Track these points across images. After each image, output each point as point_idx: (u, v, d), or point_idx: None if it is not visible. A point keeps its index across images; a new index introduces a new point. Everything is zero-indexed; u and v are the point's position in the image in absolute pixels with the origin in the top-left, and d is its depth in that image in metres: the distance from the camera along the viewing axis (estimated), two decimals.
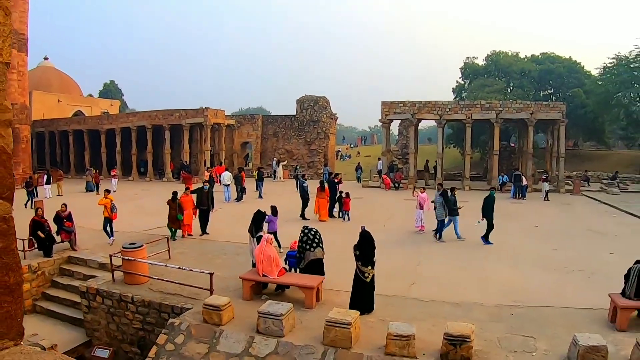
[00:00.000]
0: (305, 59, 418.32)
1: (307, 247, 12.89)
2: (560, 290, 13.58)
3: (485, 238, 19.13)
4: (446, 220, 19.97)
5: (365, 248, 11.53)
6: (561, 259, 16.98)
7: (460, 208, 20.11)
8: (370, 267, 11.45)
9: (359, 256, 11.51)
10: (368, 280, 11.45)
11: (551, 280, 14.52)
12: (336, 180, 26.59)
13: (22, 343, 1.93)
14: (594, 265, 16.18)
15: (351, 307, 10.96)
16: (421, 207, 21.29)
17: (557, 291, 13.44)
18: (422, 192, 21.78)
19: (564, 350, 9.21)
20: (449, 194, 20.23)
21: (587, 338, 8.79)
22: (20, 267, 1.86)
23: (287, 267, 13.64)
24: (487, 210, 19.16)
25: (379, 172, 44.43)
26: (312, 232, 13.10)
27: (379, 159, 47.53)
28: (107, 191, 20.24)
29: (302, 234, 13.11)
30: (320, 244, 13.11)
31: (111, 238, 18.89)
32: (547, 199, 32.93)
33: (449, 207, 19.84)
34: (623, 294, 11.00)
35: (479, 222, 19.39)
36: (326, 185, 24.42)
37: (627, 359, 8.94)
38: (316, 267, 12.96)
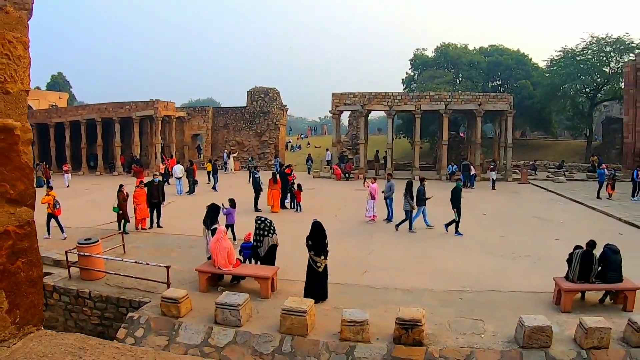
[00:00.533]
0: (254, 49, 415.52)
1: (265, 233, 13.29)
2: (508, 275, 14.23)
3: (455, 229, 19.54)
4: (414, 211, 20.31)
5: (317, 238, 11.89)
6: (508, 246, 17.70)
7: (429, 198, 20.52)
8: (322, 257, 11.81)
9: (311, 246, 11.86)
10: (321, 269, 11.81)
11: (499, 266, 15.17)
12: (287, 172, 26.84)
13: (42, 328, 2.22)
14: (540, 251, 16.93)
15: (305, 296, 11.30)
16: (372, 198, 21.69)
17: (505, 276, 14.08)
18: (372, 183, 22.17)
19: (511, 332, 9.76)
20: (420, 184, 20.67)
21: (533, 319, 9.35)
22: (41, 263, 2.16)
23: (241, 258, 13.87)
24: (455, 202, 19.58)
25: (328, 162, 44.92)
26: (268, 221, 13.53)
27: (327, 150, 48.01)
28: (50, 188, 20.08)
29: (258, 223, 13.50)
30: (275, 232, 13.53)
31: (48, 236, 18.69)
32: (494, 188, 33.84)
33: (418, 198, 20.23)
34: (567, 277, 11.66)
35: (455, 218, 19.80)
36: (278, 177, 24.70)
37: (571, 338, 9.56)
38: (274, 253, 13.42)
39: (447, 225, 19.73)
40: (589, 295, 12.05)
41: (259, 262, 13.54)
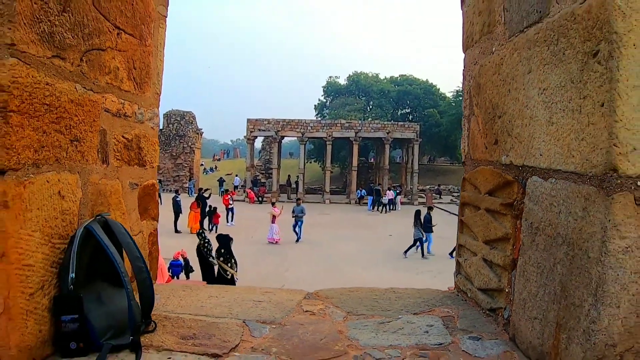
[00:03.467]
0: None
1: (209, 257, 14.26)
2: (411, 287, 16.03)
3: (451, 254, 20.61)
4: (423, 237, 21.77)
5: (227, 247, 13.13)
6: (412, 263, 19.76)
7: (434, 225, 22.27)
8: (229, 265, 12.87)
9: (223, 253, 12.98)
10: (229, 277, 12.77)
11: (403, 280, 16.66)
12: (225, 197, 28.40)
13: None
14: (440, 266, 18.84)
15: None
16: (273, 222, 23.57)
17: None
18: (276, 207, 24.06)
19: None
20: (426, 212, 22.48)
21: None
22: (159, 248, 3.76)
23: (170, 274, 15.05)
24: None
25: (235, 187, 46.18)
26: (210, 246, 14.36)
27: (237, 175, 49.30)
28: None
29: (204, 241, 14.38)
30: (214, 257, 14.65)
31: None
32: (391, 210, 36.50)
33: (424, 225, 21.81)
34: None
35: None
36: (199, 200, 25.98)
37: None
38: (213, 275, 14.54)
39: (451, 255, 20.72)
40: None
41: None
